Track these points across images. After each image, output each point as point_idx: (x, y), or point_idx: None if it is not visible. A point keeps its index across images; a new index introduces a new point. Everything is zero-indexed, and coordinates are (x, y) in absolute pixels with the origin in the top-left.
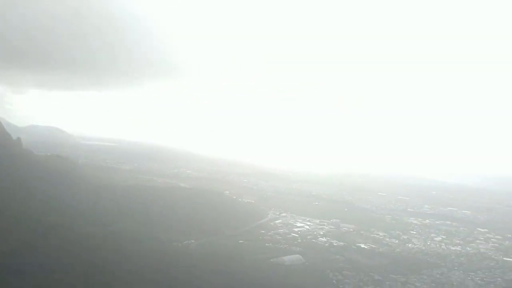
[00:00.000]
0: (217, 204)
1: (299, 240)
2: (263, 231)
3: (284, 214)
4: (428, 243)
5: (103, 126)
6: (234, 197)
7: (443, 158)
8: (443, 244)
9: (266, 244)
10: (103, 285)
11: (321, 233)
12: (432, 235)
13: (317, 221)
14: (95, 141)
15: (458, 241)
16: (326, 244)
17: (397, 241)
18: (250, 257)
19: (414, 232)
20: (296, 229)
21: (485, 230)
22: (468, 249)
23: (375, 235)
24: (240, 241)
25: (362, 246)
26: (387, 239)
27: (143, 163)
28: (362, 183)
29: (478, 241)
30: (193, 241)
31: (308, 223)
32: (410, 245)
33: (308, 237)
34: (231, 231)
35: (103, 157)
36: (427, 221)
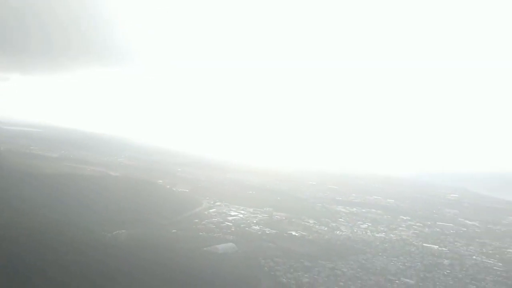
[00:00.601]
0: (150, 193)
1: (233, 229)
2: (196, 220)
3: (218, 203)
4: (355, 230)
5: (29, 111)
6: (168, 187)
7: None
8: (368, 231)
9: (200, 233)
10: (27, 280)
11: (254, 221)
12: (358, 222)
13: (251, 209)
14: (19, 126)
15: (382, 228)
16: (259, 232)
17: (326, 228)
18: (183, 246)
19: (342, 220)
20: (230, 218)
21: (407, 218)
22: (391, 235)
23: (305, 223)
24: (173, 231)
25: (293, 233)
26: (317, 226)
27: (72, 150)
28: (295, 174)
29: (400, 228)
30: (123, 231)
31: (242, 211)
32: (338, 232)
33: (242, 225)
34: (164, 221)
35: (28, 144)
36: (354, 209)
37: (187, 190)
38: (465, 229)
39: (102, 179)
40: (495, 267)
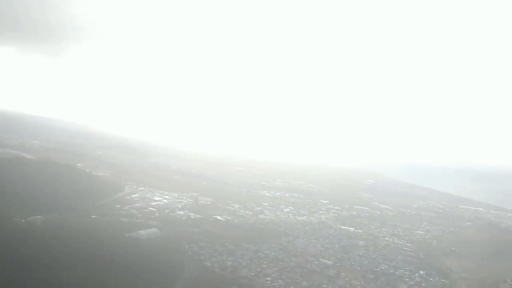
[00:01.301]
0: (68, 177)
1: (157, 214)
2: (118, 206)
3: (141, 188)
4: (278, 214)
5: None
6: (88, 170)
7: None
8: (291, 214)
9: (122, 219)
10: None
11: (179, 206)
12: (282, 206)
13: (176, 194)
14: None
15: (303, 212)
16: (184, 217)
17: (250, 212)
18: (103, 232)
19: (266, 204)
20: (153, 203)
21: (327, 201)
22: (312, 218)
23: (231, 208)
24: (93, 217)
25: (219, 218)
26: (242, 211)
27: None
28: (224, 160)
29: (320, 211)
30: (39, 217)
31: (167, 197)
32: (262, 216)
33: (166, 210)
34: (83, 206)
35: None
36: (278, 193)
37: (108, 175)
38: (379, 212)
39: (15, 162)
40: (404, 247)
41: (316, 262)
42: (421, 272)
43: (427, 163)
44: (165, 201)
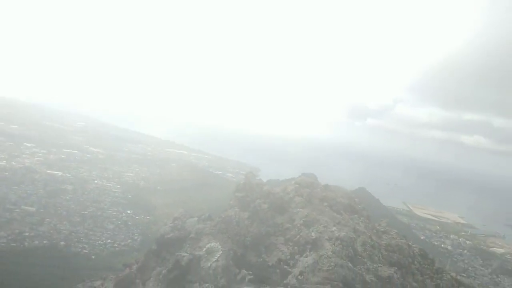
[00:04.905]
0: None
1: None
2: None
3: None
4: None
5: None
6: None
7: None
8: None
9: None
10: None
11: None
12: None
13: None
14: None
15: (3, 156)
16: None
17: None
18: None
19: None
20: None
21: (32, 145)
22: (14, 163)
23: None
24: None
25: None
26: None
27: None
28: None
29: (24, 155)
30: None
31: None
32: None
33: None
34: None
35: None
36: None
37: None
38: (90, 155)
39: None
40: (113, 189)
41: (17, 210)
42: (129, 211)
43: (144, 111)
44: None
